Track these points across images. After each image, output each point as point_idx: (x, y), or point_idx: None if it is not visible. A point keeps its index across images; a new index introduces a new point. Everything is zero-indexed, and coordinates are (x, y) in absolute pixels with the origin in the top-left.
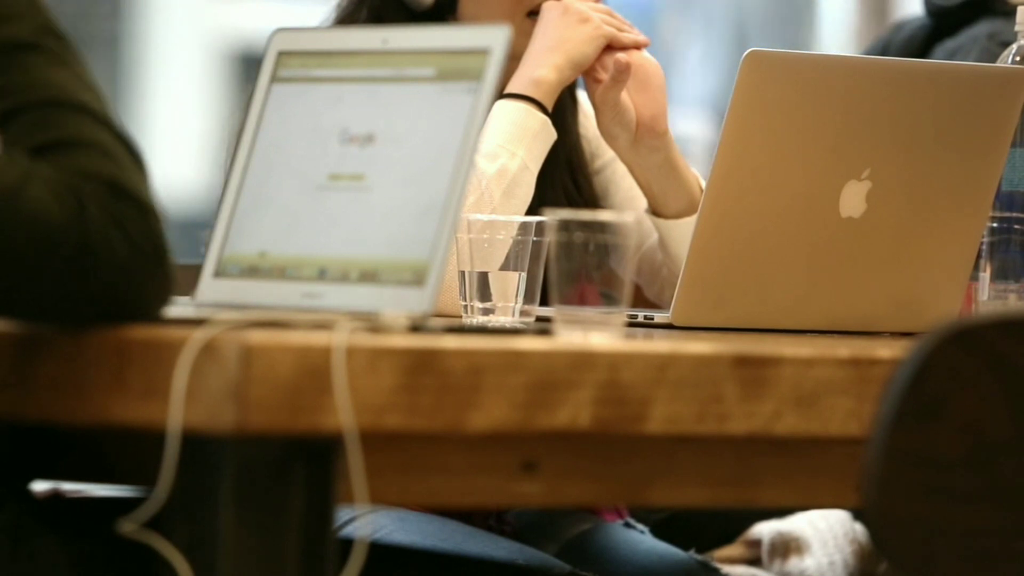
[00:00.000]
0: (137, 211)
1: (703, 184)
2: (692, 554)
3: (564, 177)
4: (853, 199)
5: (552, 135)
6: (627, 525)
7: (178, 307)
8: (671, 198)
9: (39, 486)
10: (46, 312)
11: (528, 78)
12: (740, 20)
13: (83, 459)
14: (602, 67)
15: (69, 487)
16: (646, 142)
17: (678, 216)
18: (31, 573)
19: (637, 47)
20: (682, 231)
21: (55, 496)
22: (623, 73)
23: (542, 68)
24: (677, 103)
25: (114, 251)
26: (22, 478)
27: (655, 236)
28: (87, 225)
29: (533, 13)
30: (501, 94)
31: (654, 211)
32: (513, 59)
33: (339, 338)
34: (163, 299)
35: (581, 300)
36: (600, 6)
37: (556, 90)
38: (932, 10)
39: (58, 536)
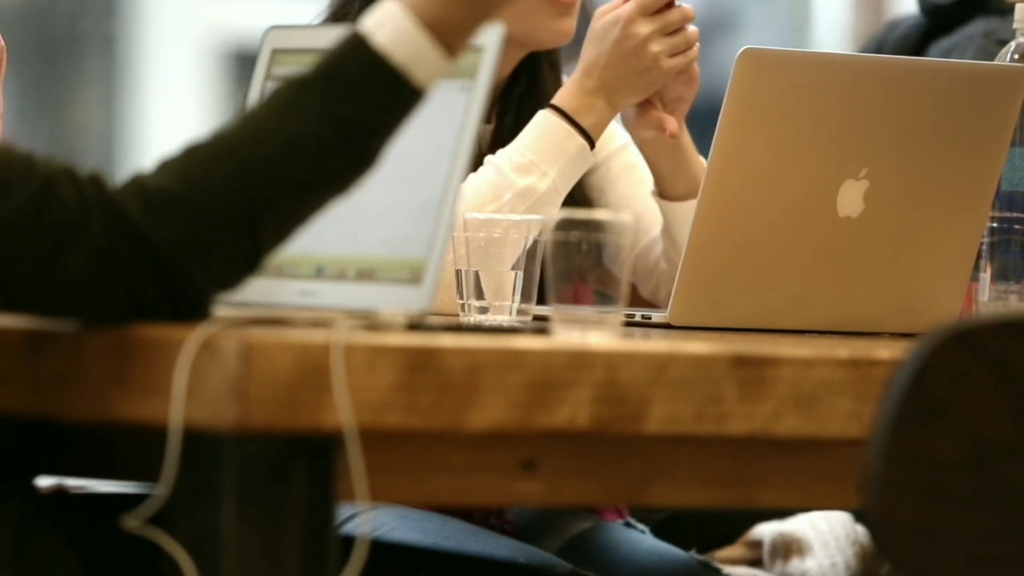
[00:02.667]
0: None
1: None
2: (693, 554)
3: None
4: (851, 198)
5: (589, 161)
6: (627, 525)
7: None
8: (678, 180)
9: (43, 482)
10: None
11: (584, 104)
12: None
13: (86, 455)
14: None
15: (73, 483)
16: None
17: (682, 199)
18: (35, 569)
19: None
20: (684, 215)
21: (59, 492)
22: (671, 135)
23: (600, 102)
24: None
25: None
26: (26, 474)
27: (652, 234)
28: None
29: None
30: (548, 104)
31: (660, 193)
32: (514, 44)
33: (338, 336)
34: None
35: (575, 299)
36: (674, 20)
37: (604, 127)
38: (927, 8)
39: (62, 532)
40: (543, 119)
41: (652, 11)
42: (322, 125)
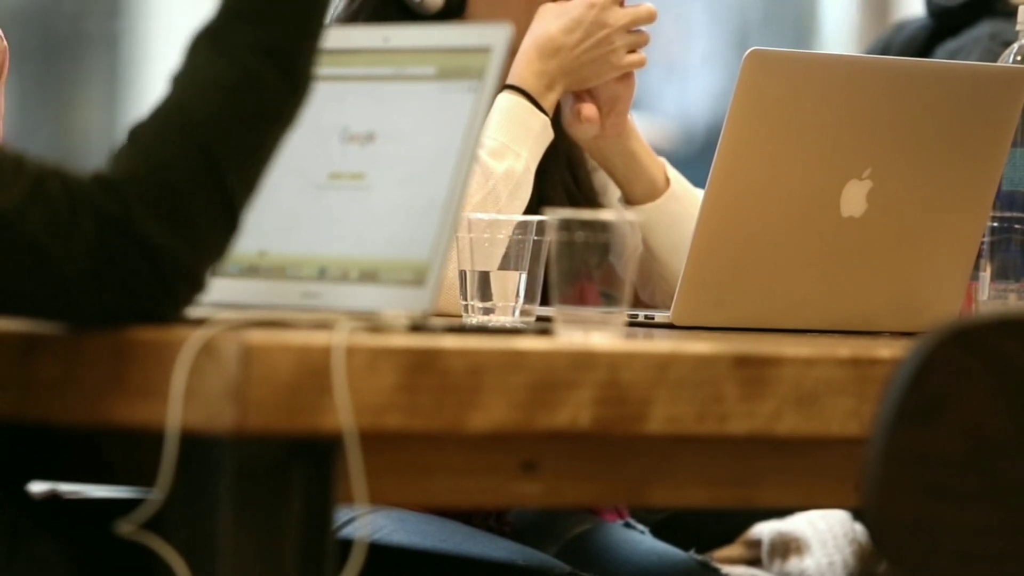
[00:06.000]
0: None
1: (668, 170)
2: (692, 554)
3: (564, 173)
4: (854, 198)
5: (550, 135)
6: (627, 525)
7: None
8: (635, 183)
9: (37, 487)
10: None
11: (543, 85)
12: (741, 19)
13: (81, 460)
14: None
15: (67, 488)
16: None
17: (642, 202)
18: (29, 574)
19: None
20: (646, 216)
21: (53, 497)
22: (587, 119)
23: (559, 85)
24: (678, 102)
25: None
26: (20, 479)
27: None
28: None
29: None
30: (506, 85)
31: (624, 198)
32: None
33: (339, 338)
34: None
35: (581, 300)
36: (642, 16)
37: (556, 101)
38: (933, 10)
39: (56, 537)
40: (506, 101)
41: None
42: (255, 61)
